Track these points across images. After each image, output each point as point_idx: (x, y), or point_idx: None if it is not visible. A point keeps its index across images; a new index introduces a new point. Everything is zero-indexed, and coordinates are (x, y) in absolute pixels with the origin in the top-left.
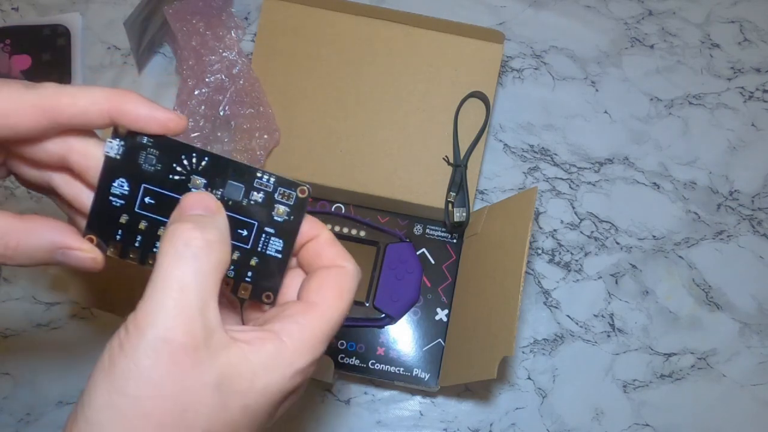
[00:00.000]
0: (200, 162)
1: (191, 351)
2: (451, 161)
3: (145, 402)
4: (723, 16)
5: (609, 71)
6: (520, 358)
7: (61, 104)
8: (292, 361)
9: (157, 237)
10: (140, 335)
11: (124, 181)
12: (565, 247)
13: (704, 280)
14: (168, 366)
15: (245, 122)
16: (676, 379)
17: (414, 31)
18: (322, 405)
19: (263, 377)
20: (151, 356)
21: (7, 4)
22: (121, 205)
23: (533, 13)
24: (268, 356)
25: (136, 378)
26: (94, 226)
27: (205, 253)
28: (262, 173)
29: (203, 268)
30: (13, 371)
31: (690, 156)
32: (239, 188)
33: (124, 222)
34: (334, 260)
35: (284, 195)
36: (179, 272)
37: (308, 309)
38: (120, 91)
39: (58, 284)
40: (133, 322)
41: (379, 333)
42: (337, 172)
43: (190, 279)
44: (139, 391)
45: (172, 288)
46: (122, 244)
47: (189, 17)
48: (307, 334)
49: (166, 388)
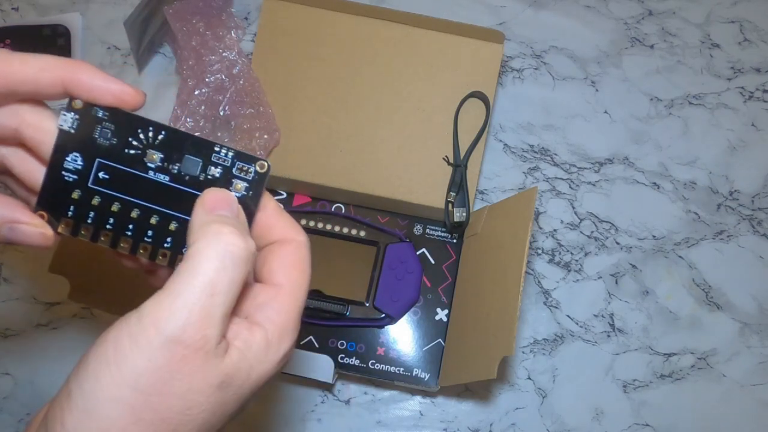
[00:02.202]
0: (157, 136)
1: (202, 354)
2: (451, 161)
3: (153, 398)
4: (723, 16)
5: (609, 71)
6: (520, 358)
7: (12, 69)
8: (278, 348)
9: (110, 213)
10: (159, 332)
11: (78, 155)
12: (565, 247)
13: (704, 280)
14: (179, 365)
15: (245, 122)
16: (676, 379)
17: (414, 31)
18: (322, 405)
19: (257, 369)
20: (166, 354)
21: (7, 4)
22: (73, 180)
23: (533, 13)
24: (259, 349)
25: (149, 375)
26: (45, 201)
27: (243, 263)
28: (220, 147)
29: (237, 278)
30: (13, 371)
31: (690, 156)
32: (196, 163)
33: (77, 198)
34: (286, 233)
35: (242, 170)
36: (216, 276)
37: (278, 292)
38: (74, 61)
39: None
40: (151, 315)
41: (379, 333)
42: (337, 172)
43: (224, 287)
44: (150, 388)
45: (204, 291)
46: (74, 221)
47: (189, 17)
48: (284, 317)
49: (174, 386)
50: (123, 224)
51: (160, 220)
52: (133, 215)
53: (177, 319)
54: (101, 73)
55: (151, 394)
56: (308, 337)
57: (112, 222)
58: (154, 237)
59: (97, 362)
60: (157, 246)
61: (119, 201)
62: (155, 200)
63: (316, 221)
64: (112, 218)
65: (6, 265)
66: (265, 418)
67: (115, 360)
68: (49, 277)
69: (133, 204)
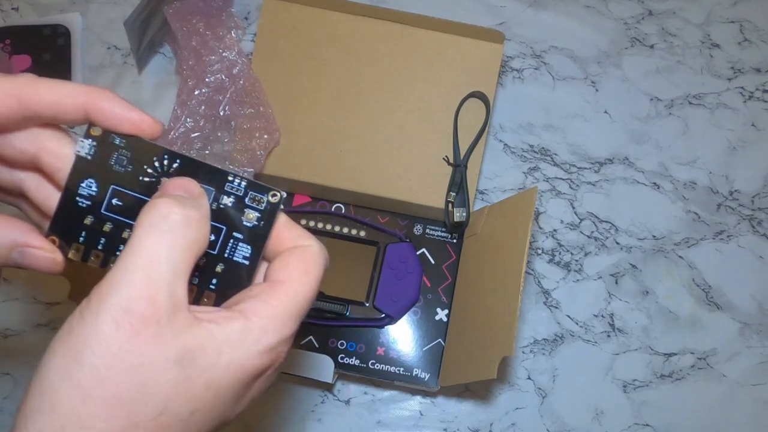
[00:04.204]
0: (171, 164)
1: (153, 324)
2: (451, 161)
3: (102, 372)
4: (723, 16)
5: (609, 71)
6: (520, 358)
7: (38, 93)
8: (259, 338)
9: (121, 240)
10: (102, 302)
11: (93, 181)
12: (565, 247)
13: (704, 280)
14: (128, 336)
15: (245, 122)
16: (676, 379)
17: (414, 31)
18: (322, 405)
19: (228, 353)
20: (111, 325)
21: (7, 4)
22: (87, 207)
23: (533, 13)
24: (233, 333)
25: (95, 346)
26: (57, 227)
27: (181, 228)
28: (233, 177)
29: (178, 242)
30: (13, 371)
31: (690, 156)
32: (209, 191)
33: (89, 223)
34: (295, 241)
35: (255, 200)
36: (152, 243)
37: (274, 287)
38: (97, 88)
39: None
40: (96, 290)
41: (379, 333)
42: (337, 172)
43: (163, 251)
44: (96, 360)
45: (141, 258)
46: (85, 246)
47: (189, 17)
48: (273, 311)
49: (125, 359)
50: None
51: None
52: None
53: (119, 288)
54: (122, 102)
55: (99, 368)
56: (308, 337)
57: (122, 249)
58: None
59: (54, 341)
60: None
61: (130, 228)
62: None
63: (316, 221)
64: (122, 245)
65: None
66: (265, 418)
67: (64, 336)
68: (49, 277)
69: None
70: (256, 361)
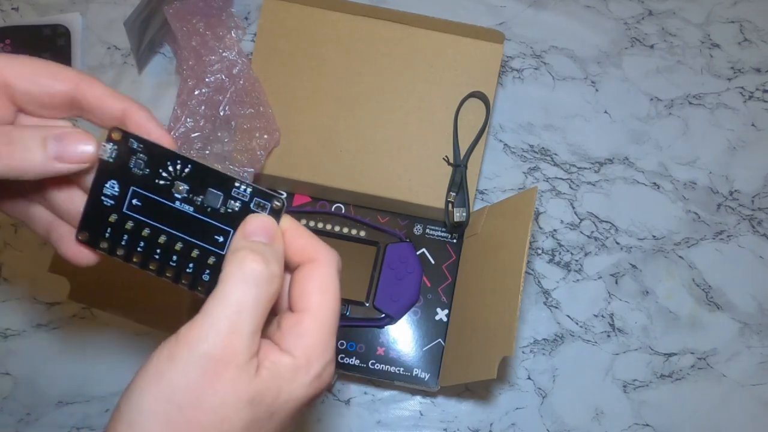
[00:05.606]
0: (183, 169)
1: (233, 369)
2: (451, 161)
3: (188, 411)
4: (723, 16)
5: (609, 71)
6: (520, 358)
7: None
8: (307, 370)
9: (140, 237)
10: (191, 349)
11: (115, 182)
12: (565, 247)
13: (704, 280)
14: (212, 381)
15: (245, 122)
16: (676, 379)
17: (414, 31)
18: (322, 405)
19: (286, 391)
20: (199, 370)
21: (7, 4)
22: (110, 205)
23: (533, 13)
24: (287, 372)
25: (184, 389)
26: (87, 224)
27: (266, 285)
28: (240, 183)
29: (262, 297)
30: (13, 371)
31: (690, 156)
32: (218, 196)
33: (113, 221)
34: (304, 254)
35: (259, 205)
36: (239, 296)
37: (301, 319)
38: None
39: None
40: (185, 335)
41: (379, 333)
42: (337, 172)
43: (249, 304)
44: (185, 402)
45: (229, 308)
46: (110, 242)
47: (189, 17)
48: (309, 342)
49: (208, 400)
50: (152, 248)
51: (184, 247)
52: (161, 241)
53: (208, 336)
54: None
55: (185, 408)
56: None
57: (142, 245)
58: (178, 262)
59: (141, 379)
60: (180, 270)
61: (149, 227)
62: (180, 228)
63: (316, 221)
64: (143, 242)
65: (6, 265)
66: None
67: (154, 376)
68: (49, 277)
69: (160, 230)
70: (308, 391)
